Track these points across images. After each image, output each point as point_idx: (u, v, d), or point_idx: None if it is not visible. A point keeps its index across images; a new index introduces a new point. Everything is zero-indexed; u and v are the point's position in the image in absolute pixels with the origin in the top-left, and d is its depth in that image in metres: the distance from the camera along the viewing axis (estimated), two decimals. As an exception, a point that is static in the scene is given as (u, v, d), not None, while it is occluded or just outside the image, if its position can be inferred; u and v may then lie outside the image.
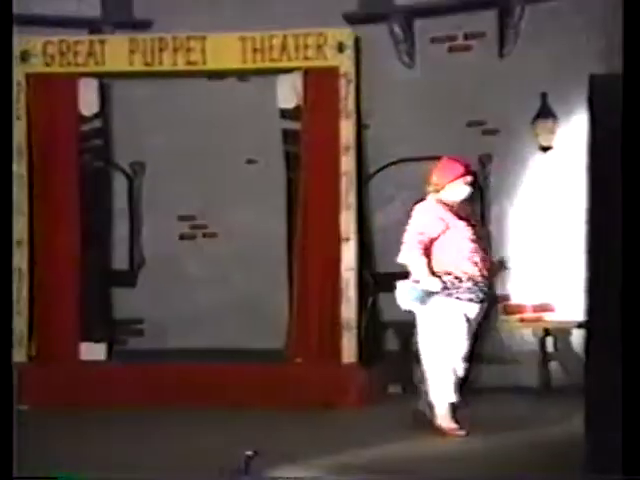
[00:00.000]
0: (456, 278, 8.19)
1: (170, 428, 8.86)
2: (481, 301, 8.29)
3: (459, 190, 8.42)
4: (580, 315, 7.50)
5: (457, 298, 8.18)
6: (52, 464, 7.70)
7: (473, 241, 8.27)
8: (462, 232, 8.27)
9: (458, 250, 8.23)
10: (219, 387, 9.91)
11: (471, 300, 8.22)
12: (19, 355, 10.34)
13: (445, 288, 8.18)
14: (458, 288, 8.20)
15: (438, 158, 11.40)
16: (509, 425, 8.65)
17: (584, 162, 7.31)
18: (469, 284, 8.18)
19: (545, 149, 11.14)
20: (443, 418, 8.35)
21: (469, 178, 8.48)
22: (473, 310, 8.29)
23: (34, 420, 9.06)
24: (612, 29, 9.75)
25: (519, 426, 8.55)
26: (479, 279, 8.21)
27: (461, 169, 8.42)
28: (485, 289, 8.29)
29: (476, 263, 8.22)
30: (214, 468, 7.32)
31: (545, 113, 11.06)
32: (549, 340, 11.02)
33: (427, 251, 8.35)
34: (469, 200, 8.58)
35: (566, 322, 10.53)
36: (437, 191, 8.41)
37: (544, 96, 10.99)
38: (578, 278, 7.71)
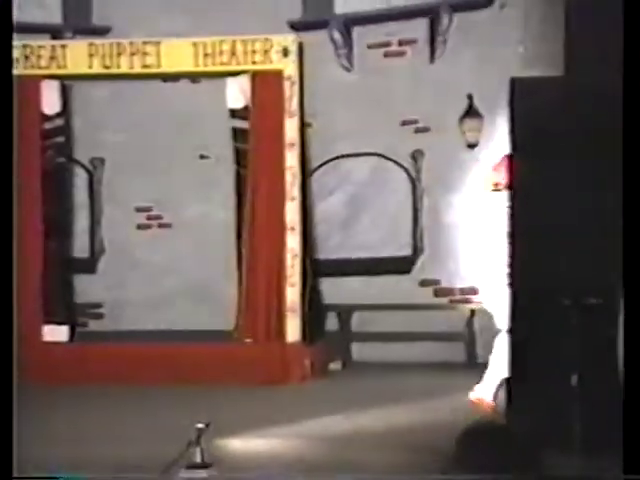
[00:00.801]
0: None
1: (128, 404, 8.79)
2: None
3: None
4: (502, 297, 7.56)
5: None
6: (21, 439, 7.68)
7: None
8: None
9: None
10: (173, 366, 9.89)
11: None
12: (-15, 336, 10.28)
13: None
14: None
15: (375, 154, 11.54)
16: (438, 393, 8.71)
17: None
18: None
19: (472, 146, 11.22)
20: None
21: None
22: None
23: None
24: (530, 38, 9.86)
25: (446, 394, 8.59)
26: None
27: None
28: None
29: None
30: (169, 440, 7.34)
31: (471, 113, 11.14)
32: (475, 320, 11.11)
33: None
34: None
35: (490, 304, 10.59)
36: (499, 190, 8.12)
37: (470, 97, 11.07)
38: (501, 264, 7.81)
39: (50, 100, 10.67)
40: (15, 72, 10.28)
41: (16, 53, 10.27)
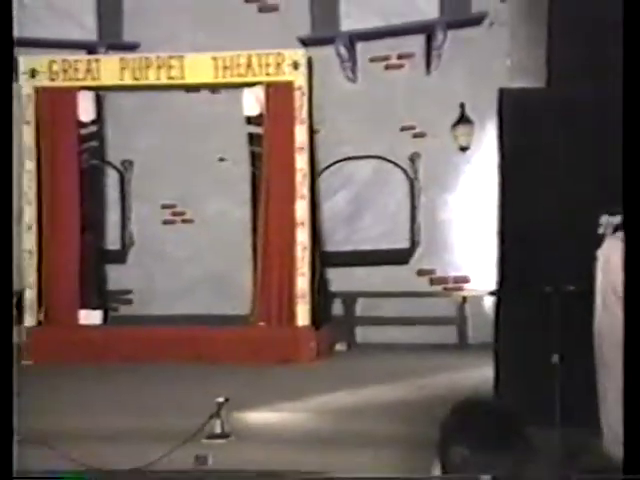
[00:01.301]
0: None
1: (154, 380, 8.81)
2: None
3: None
4: (491, 285, 7.60)
5: None
6: (52, 410, 7.74)
7: None
8: None
9: None
10: (195, 347, 9.87)
11: None
12: (30, 320, 10.35)
13: None
14: None
15: (376, 157, 11.54)
16: (433, 371, 8.72)
17: (495, 159, 7.44)
18: None
19: (463, 149, 11.21)
20: None
21: None
22: None
23: (37, 372, 9.08)
24: (516, 53, 9.86)
25: (440, 372, 8.62)
26: None
27: None
28: None
29: None
30: (192, 413, 7.39)
31: (463, 120, 11.12)
32: (466, 306, 11.12)
33: None
34: None
35: (480, 291, 10.62)
36: None
37: (462, 106, 11.05)
38: (490, 255, 7.84)
39: (86, 109, 10.64)
40: (54, 84, 10.39)
41: (56, 67, 10.34)
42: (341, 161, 11.56)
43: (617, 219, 6.29)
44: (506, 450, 2.34)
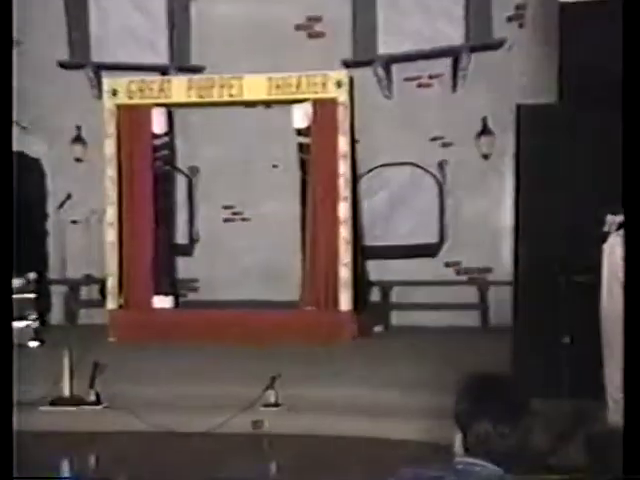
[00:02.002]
0: None
1: (217, 357, 8.81)
2: None
3: None
4: (510, 275, 7.58)
5: None
6: (132, 380, 7.86)
7: None
8: None
9: None
10: (252, 328, 9.88)
11: None
12: (112, 303, 10.46)
13: None
14: None
15: (410, 164, 11.53)
16: (459, 350, 8.62)
17: (512, 165, 7.43)
18: None
19: (485, 156, 11.14)
20: None
21: None
22: None
23: (118, 347, 9.28)
24: (531, 73, 9.81)
25: (465, 350, 8.47)
26: None
27: None
28: None
29: None
30: (249, 385, 7.47)
31: (485, 131, 11.06)
32: (488, 293, 11.07)
33: None
34: None
35: (500, 281, 10.57)
36: None
37: (484, 119, 10.99)
38: (509, 248, 7.83)
39: (159, 123, 10.69)
40: (132, 101, 10.49)
41: (133, 87, 10.39)
42: (379, 167, 11.54)
43: (619, 218, 6.27)
44: (520, 421, 2.33)
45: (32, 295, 10.31)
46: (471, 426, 2.35)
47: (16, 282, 10.28)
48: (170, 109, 10.93)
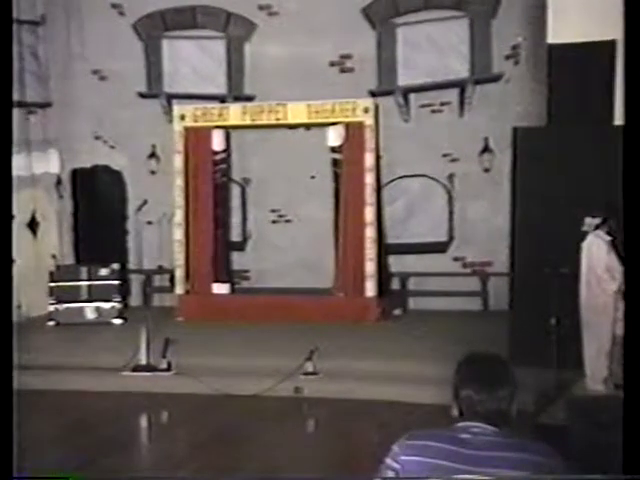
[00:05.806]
0: None
1: (265, 334, 8.87)
2: None
3: None
4: (507, 268, 7.56)
5: None
6: (196, 352, 7.93)
7: None
8: None
9: None
10: (293, 311, 9.90)
11: None
12: (179, 289, 10.54)
13: None
14: None
15: (424, 176, 11.47)
16: (463, 330, 8.62)
17: (509, 179, 7.41)
18: None
19: (487, 170, 11.09)
20: None
21: None
22: None
23: (184, 325, 9.38)
24: (524, 102, 9.76)
25: (468, 331, 8.49)
26: None
27: None
28: None
29: None
30: (291, 357, 7.54)
31: (487, 149, 10.99)
32: (489, 283, 11.02)
33: None
34: None
35: (499, 272, 10.53)
36: None
37: (486, 139, 10.93)
38: (506, 246, 7.83)
39: (218, 141, 10.77)
40: (197, 124, 10.60)
41: (198, 112, 10.50)
42: (398, 178, 11.50)
43: (596, 220, 6.29)
44: (499, 390, 2.33)
45: (116, 282, 10.48)
46: (460, 393, 2.36)
47: (103, 271, 10.52)
48: (227, 130, 10.98)
